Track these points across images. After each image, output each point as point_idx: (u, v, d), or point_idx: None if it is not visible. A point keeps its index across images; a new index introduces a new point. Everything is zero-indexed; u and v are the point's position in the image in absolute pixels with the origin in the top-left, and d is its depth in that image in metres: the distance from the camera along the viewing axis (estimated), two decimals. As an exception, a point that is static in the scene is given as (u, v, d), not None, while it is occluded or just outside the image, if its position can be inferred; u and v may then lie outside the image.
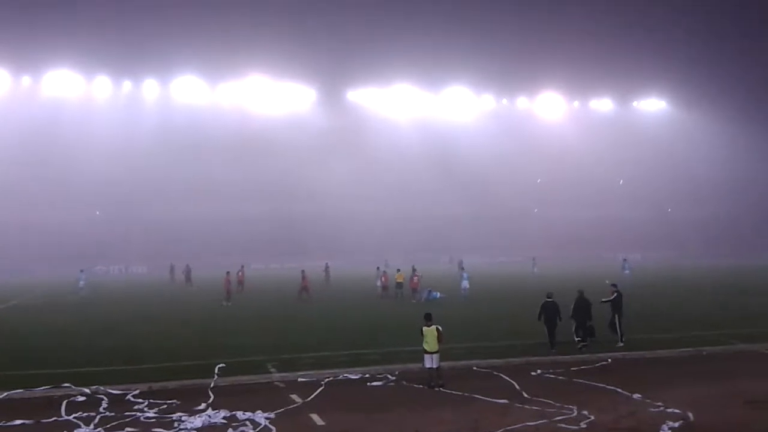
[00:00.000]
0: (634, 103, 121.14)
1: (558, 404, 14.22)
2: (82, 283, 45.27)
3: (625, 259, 57.10)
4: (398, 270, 40.20)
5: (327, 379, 17.07)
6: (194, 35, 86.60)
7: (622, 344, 21.15)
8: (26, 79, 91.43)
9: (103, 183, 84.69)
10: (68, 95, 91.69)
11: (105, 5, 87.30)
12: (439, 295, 37.29)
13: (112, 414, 14.05)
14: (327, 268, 52.24)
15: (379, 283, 41.55)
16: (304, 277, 39.21)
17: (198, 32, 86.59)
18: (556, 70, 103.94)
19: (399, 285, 38.42)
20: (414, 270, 39.75)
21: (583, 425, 12.91)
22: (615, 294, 22.02)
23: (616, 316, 21.68)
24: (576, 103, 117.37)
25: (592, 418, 13.32)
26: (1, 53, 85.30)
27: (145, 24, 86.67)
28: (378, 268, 45.92)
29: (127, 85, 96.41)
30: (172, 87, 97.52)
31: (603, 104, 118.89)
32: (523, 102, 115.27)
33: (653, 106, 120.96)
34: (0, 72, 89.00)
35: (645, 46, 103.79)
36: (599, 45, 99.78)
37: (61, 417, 13.91)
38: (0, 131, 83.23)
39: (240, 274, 44.48)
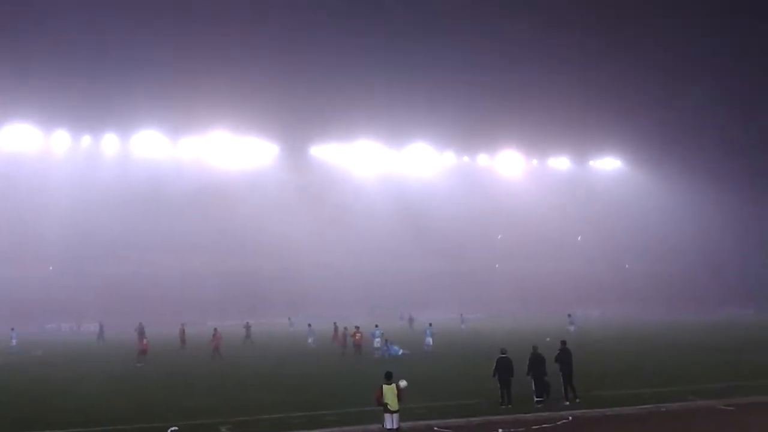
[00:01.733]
0: (591, 162, 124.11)
1: (520, 465, 13.97)
2: (14, 341, 44.98)
3: (569, 315, 56.70)
4: (356, 327, 39.80)
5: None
6: (155, 90, 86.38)
7: (568, 403, 20.89)
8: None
9: (58, 238, 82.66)
10: (26, 149, 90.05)
11: (65, 59, 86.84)
12: (401, 351, 36.88)
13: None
14: (248, 326, 50.07)
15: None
16: (215, 336, 38.98)
17: (159, 87, 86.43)
18: (515, 128, 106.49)
19: (357, 344, 38.00)
20: (357, 328, 39.39)
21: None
22: (560, 350, 21.91)
23: (563, 373, 21.42)
24: (534, 161, 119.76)
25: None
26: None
27: (105, 78, 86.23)
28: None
29: (86, 139, 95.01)
30: (132, 141, 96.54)
31: (561, 162, 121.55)
32: (483, 159, 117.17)
33: (609, 165, 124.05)
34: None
35: (602, 107, 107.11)
36: (557, 105, 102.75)
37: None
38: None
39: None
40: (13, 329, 47.27)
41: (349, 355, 37.34)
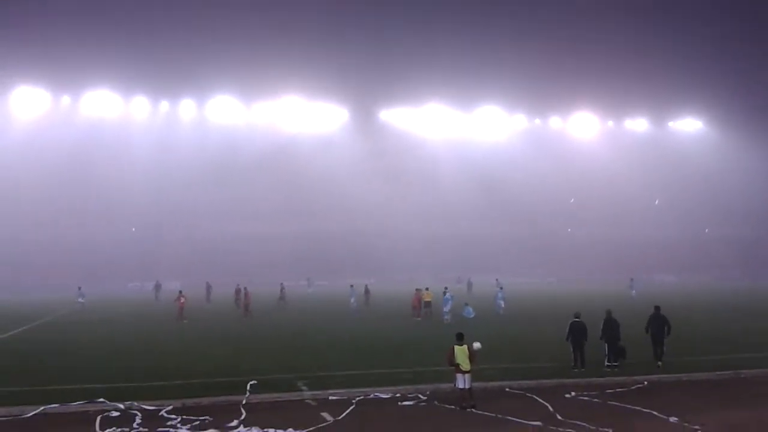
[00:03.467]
0: (670, 123, 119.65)
1: (593, 427, 13.98)
2: (81, 299, 47.92)
3: (632, 279, 57.76)
4: (426, 288, 39.98)
5: (358, 398, 17.02)
6: (230, 56, 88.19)
7: (660, 364, 21.02)
8: (66, 99, 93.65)
9: (139, 201, 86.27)
10: (107, 115, 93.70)
11: (144, 26, 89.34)
12: (473, 314, 37.02)
13: (146, 430, 14.17)
14: (282, 287, 50.34)
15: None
16: (246, 294, 41.85)
17: (234, 53, 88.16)
18: (590, 89, 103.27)
19: (427, 304, 38.16)
20: (426, 289, 39.62)
21: (618, 449, 12.67)
22: (652, 316, 21.89)
23: (657, 336, 21.51)
24: (610, 123, 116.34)
25: (628, 441, 13.06)
26: (42, 73, 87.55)
27: (182, 45, 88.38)
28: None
29: (164, 105, 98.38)
30: (208, 107, 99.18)
31: (638, 124, 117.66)
32: (556, 121, 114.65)
33: (690, 126, 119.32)
34: (40, 92, 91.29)
35: (682, 65, 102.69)
36: (635, 64, 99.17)
37: (96, 432, 14.03)
38: (40, 150, 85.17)
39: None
40: (80, 288, 50.01)
41: (423, 318, 37.49)
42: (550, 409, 15.67)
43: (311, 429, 14.10)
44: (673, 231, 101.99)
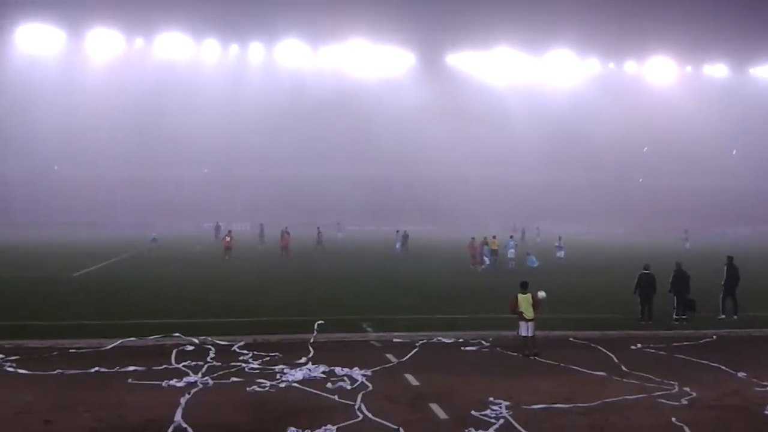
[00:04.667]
0: (751, 70, 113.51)
1: (658, 379, 13.89)
2: (155, 235, 54.02)
3: (686, 231, 57.04)
4: (494, 237, 39.60)
5: (421, 341, 17.34)
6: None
7: (724, 316, 20.88)
8: (139, 41, 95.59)
9: (210, 143, 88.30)
10: (178, 57, 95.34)
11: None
12: (537, 263, 36.82)
13: (219, 364, 14.79)
14: (319, 231, 49.90)
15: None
16: (284, 236, 42.92)
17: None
18: (667, 32, 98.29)
19: (494, 252, 37.95)
20: (494, 237, 39.14)
21: (684, 401, 12.58)
22: (726, 266, 21.69)
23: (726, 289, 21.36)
24: (688, 68, 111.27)
25: (694, 394, 12.95)
26: (116, 16, 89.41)
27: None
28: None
29: (234, 48, 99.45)
30: (276, 51, 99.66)
31: (717, 70, 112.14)
32: (631, 66, 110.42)
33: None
34: (115, 34, 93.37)
35: (764, 9, 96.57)
36: (715, 6, 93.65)
37: (171, 365, 14.71)
38: (114, 91, 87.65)
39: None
40: (154, 232, 55.38)
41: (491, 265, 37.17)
42: (615, 360, 15.61)
43: (376, 369, 14.49)
44: (751, 182, 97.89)
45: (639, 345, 17.34)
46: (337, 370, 14.26)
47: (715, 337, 18.70)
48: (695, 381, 13.80)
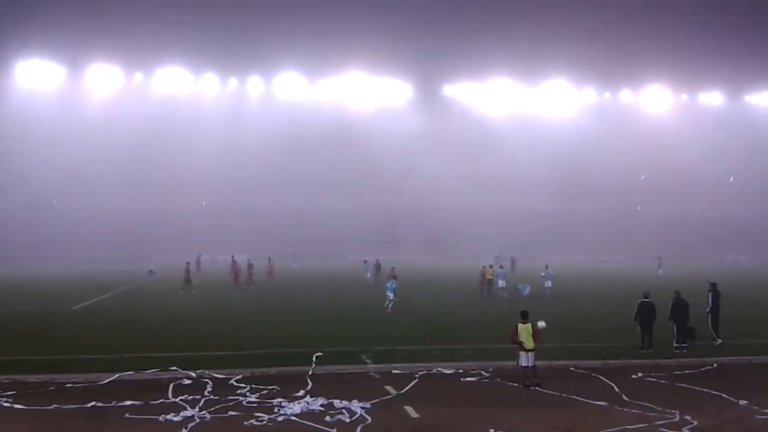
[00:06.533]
0: (747, 97, 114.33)
1: (659, 408, 13.80)
2: (152, 267, 53.81)
3: (659, 258, 57.50)
4: (490, 266, 39.89)
5: (421, 372, 17.23)
6: (295, 33, 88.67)
7: (719, 342, 20.99)
8: (138, 76, 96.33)
9: (209, 176, 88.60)
10: (178, 92, 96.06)
11: (213, 4, 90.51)
12: (528, 288, 36.93)
13: (216, 397, 14.70)
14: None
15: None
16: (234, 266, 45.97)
17: (299, 30, 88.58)
18: (662, 61, 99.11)
19: (488, 282, 38.14)
20: (491, 267, 39.87)
21: (685, 431, 12.48)
22: (710, 292, 21.79)
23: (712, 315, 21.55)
24: (684, 97, 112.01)
25: (696, 423, 12.86)
26: (116, 51, 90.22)
27: (249, 23, 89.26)
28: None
29: (233, 82, 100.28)
30: (274, 83, 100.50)
31: (713, 98, 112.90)
32: (626, 95, 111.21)
33: (767, 100, 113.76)
34: (114, 69, 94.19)
35: (759, 36, 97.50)
36: (709, 34, 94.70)
37: (168, 399, 14.64)
38: (114, 125, 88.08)
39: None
40: (150, 265, 55.19)
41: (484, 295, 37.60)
42: (616, 389, 15.51)
43: (375, 401, 14.38)
44: (748, 209, 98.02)
45: (640, 374, 17.25)
46: (336, 402, 14.16)
47: (716, 364, 18.58)
48: (696, 409, 13.70)
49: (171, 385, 15.63)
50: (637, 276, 51.87)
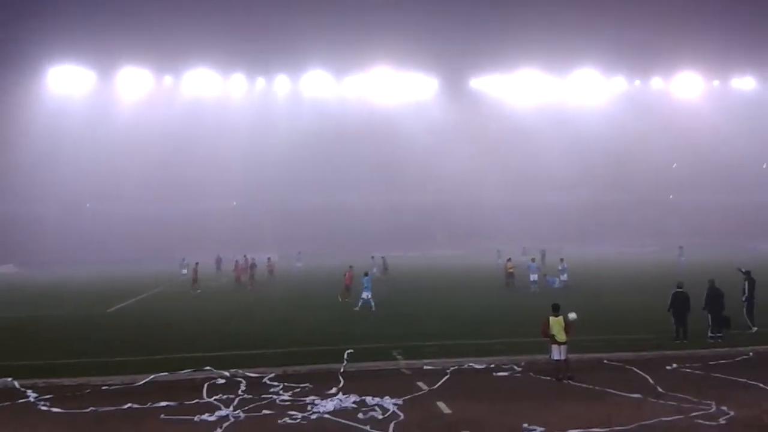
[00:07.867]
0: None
1: (695, 399, 13.62)
2: (184, 270, 50.03)
3: (681, 247, 56.31)
4: (509, 259, 39.91)
5: (452, 368, 17.21)
6: (321, 31, 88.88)
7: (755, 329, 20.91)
8: (168, 79, 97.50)
9: (238, 175, 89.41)
10: (207, 93, 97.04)
11: (240, 7, 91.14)
12: (557, 281, 36.65)
13: (250, 396, 14.85)
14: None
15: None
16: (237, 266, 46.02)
17: (325, 28, 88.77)
18: (692, 47, 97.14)
19: (510, 275, 38.12)
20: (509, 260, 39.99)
21: (722, 421, 12.31)
22: (746, 281, 21.73)
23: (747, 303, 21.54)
24: (716, 83, 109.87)
25: (732, 414, 12.66)
26: (146, 55, 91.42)
27: (275, 22, 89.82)
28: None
29: (260, 81, 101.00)
30: (301, 82, 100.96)
31: (745, 83, 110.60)
32: (657, 83, 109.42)
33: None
34: (144, 72, 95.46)
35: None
36: (739, 18, 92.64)
37: (203, 399, 14.83)
38: (145, 127, 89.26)
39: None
40: (184, 259, 52.88)
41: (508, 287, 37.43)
42: (651, 381, 15.34)
43: (407, 397, 14.40)
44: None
45: (674, 365, 17.03)
46: (368, 399, 14.21)
47: (752, 353, 18.29)
48: (733, 400, 13.49)
49: (205, 385, 15.81)
50: (657, 265, 51.39)
